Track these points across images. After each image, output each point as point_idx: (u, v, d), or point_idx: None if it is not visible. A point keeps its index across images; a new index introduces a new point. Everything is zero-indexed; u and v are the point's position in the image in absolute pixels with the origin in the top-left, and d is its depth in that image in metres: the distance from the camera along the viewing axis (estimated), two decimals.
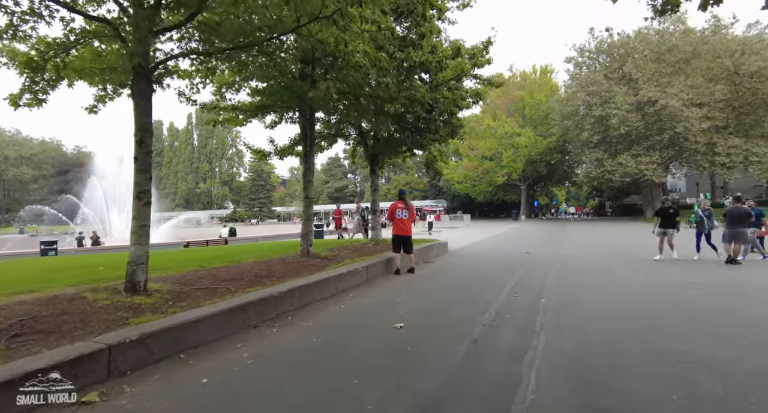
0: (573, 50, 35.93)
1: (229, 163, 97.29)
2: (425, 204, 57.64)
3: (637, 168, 29.42)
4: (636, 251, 11.80)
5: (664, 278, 6.99)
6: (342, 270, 6.51)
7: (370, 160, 10.95)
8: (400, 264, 7.93)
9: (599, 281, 7.03)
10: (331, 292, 6.04)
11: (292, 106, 7.56)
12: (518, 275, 7.72)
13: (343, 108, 8.82)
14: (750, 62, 27.34)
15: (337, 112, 9.28)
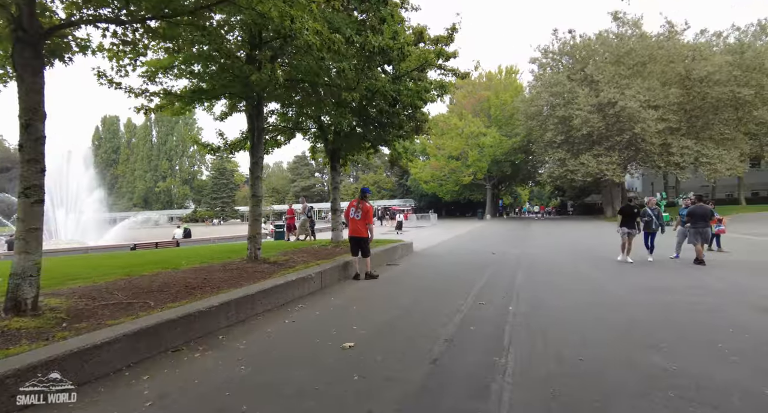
0: (537, 51, 36.52)
1: (190, 161, 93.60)
2: (393, 203, 57.39)
3: (598, 168, 30.14)
4: (600, 250, 11.71)
5: (635, 282, 6.68)
6: (291, 277, 5.78)
7: (330, 155, 10.24)
8: (358, 268, 7.30)
9: (568, 284, 6.66)
10: (278, 302, 5.31)
11: (235, 92, 6.74)
12: (484, 277, 7.26)
13: (299, 98, 8.08)
14: (700, 68, 28.58)
15: (291, 102, 8.52)
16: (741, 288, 6.07)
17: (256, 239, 6.93)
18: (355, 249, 7.29)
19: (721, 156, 28.69)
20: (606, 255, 10.38)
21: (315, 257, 7.97)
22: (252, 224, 6.96)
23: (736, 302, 5.15)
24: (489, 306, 5.13)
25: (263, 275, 5.91)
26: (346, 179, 78.63)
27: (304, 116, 10.41)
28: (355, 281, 7.08)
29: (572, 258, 10.13)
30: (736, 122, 30.36)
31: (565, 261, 9.59)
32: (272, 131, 10.63)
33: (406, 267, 8.91)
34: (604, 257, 10.02)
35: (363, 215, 7.16)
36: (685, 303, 5.13)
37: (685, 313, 4.69)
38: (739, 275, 7.36)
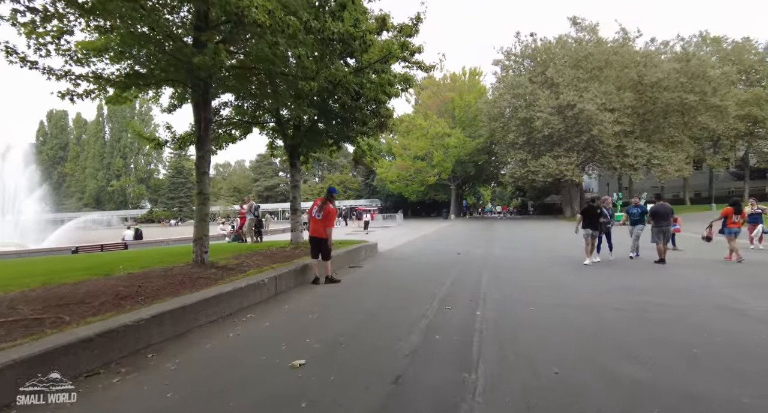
0: (500, 53, 37.24)
1: (146, 159, 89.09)
2: (360, 203, 56.89)
3: (558, 169, 31.02)
4: (562, 250, 11.79)
5: (602, 283, 6.57)
6: (240, 284, 5.21)
7: (289, 152, 9.66)
8: (317, 272, 6.80)
9: (534, 285, 6.47)
10: (223, 313, 4.74)
11: (178, 79, 6.07)
12: (450, 279, 6.97)
13: (254, 89, 7.48)
14: (651, 74, 30.04)
15: (246, 93, 7.88)
16: (702, 288, 6.08)
17: (202, 242, 6.28)
18: (315, 251, 6.80)
19: (670, 158, 30.27)
20: (568, 254, 10.41)
21: (271, 260, 7.39)
22: (198, 225, 6.30)
23: (701, 303, 5.09)
24: (455, 311, 4.79)
25: (208, 282, 5.30)
26: (310, 179, 77.31)
27: (262, 109, 9.80)
28: (314, 286, 6.58)
29: (536, 258, 10.08)
30: (683, 126, 32.17)
31: (530, 261, 9.50)
32: (226, 124, 9.92)
33: (370, 269, 8.49)
34: (566, 257, 10.03)
35: (324, 216, 6.66)
36: (653, 305, 5.01)
37: (655, 315, 4.55)
38: (698, 273, 7.47)
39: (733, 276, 7.11)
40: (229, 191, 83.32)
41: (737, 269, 7.93)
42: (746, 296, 5.37)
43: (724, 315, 4.53)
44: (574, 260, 9.26)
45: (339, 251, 8.70)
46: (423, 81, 50.99)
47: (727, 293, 5.64)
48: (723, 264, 8.54)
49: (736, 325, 4.14)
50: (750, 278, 6.95)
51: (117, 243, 18.44)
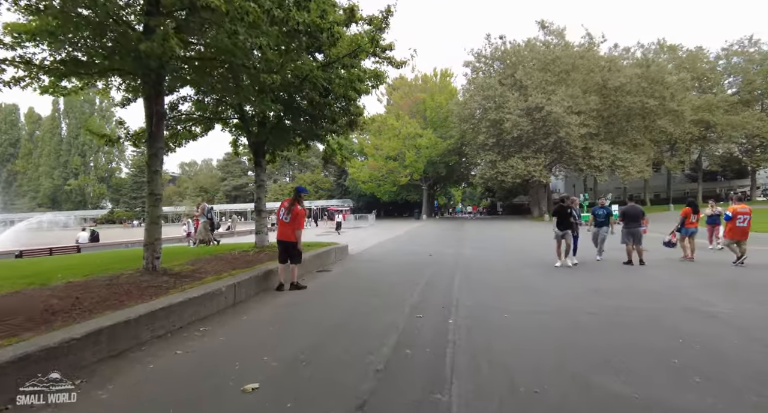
0: (471, 55, 37.60)
1: (107, 157, 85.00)
2: (331, 203, 56.24)
3: (526, 170, 31.60)
4: (532, 250, 11.84)
5: (574, 286, 6.45)
6: (194, 293, 4.76)
7: (254, 150, 9.16)
8: (282, 278, 6.40)
9: (507, 288, 6.31)
10: (173, 326, 4.29)
11: (123, 67, 5.52)
12: (422, 283, 6.73)
13: (214, 81, 6.97)
14: (614, 78, 31.10)
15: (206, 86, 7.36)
16: (672, 290, 6.08)
17: (154, 247, 5.75)
18: (283, 255, 6.38)
19: (633, 160, 31.43)
20: (537, 255, 10.42)
21: (231, 265, 6.92)
22: (149, 228, 5.77)
23: (673, 306, 5.05)
24: (427, 319, 4.53)
25: (158, 292, 4.82)
26: (281, 179, 75.81)
27: (224, 104, 9.26)
28: (278, 294, 6.17)
29: (506, 258, 10.01)
30: (644, 129, 33.50)
31: (500, 262, 9.41)
32: (185, 120, 9.32)
33: (340, 273, 8.14)
34: (536, 258, 10.01)
35: (293, 218, 6.27)
36: (626, 309, 4.92)
37: (630, 319, 4.44)
38: (664, 274, 7.55)
39: (698, 276, 7.23)
40: (196, 191, 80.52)
41: (700, 269, 8.09)
42: (713, 298, 5.39)
43: (696, 318, 4.48)
44: (545, 261, 9.22)
45: (307, 255, 8.30)
46: (395, 81, 51.08)
47: (694, 294, 5.65)
48: (687, 264, 8.72)
49: (709, 329, 4.08)
50: (713, 277, 7.07)
51: (69, 246, 17.22)
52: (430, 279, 7.13)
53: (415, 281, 6.89)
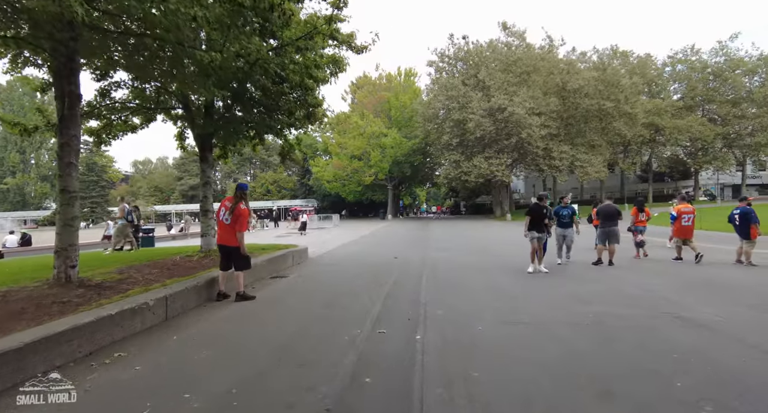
0: (434, 54, 37.50)
1: (51, 154, 78.75)
2: (295, 203, 54.77)
3: (489, 169, 31.83)
4: (500, 251, 11.57)
5: (550, 293, 6.01)
6: (108, 311, 3.90)
7: (199, 143, 8.23)
8: (223, 286, 5.61)
9: (479, 295, 5.82)
10: (79, 353, 3.45)
11: (18, 36, 4.55)
12: (386, 290, 6.13)
13: (143, 60, 6.05)
14: (573, 80, 31.94)
15: (137, 66, 6.41)
16: (649, 293, 5.77)
17: (67, 254, 4.80)
18: (225, 262, 5.61)
19: (591, 161, 32.40)
20: (505, 256, 10.13)
21: (170, 273, 6.03)
22: (61, 232, 4.80)
23: (653, 312, 4.71)
24: (392, 336, 3.93)
25: (65, 309, 3.93)
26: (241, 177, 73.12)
27: (167, 92, 8.27)
28: (221, 306, 5.37)
29: (474, 260, 9.60)
30: (601, 131, 34.66)
31: (469, 264, 8.98)
32: (121, 109, 8.24)
33: (297, 280, 7.39)
34: (505, 259, 9.70)
35: (234, 219, 5.50)
36: (608, 316, 4.52)
37: (616, 331, 4.02)
38: (636, 275, 7.33)
39: (669, 277, 7.06)
40: (150, 191, 76.25)
41: (667, 268, 8.00)
42: (694, 301, 5.14)
43: (684, 326, 4.13)
44: (514, 263, 8.87)
45: (260, 260, 7.51)
46: (359, 80, 50.54)
47: (674, 298, 5.38)
48: (650, 264, 8.65)
49: (701, 340, 3.71)
50: (684, 278, 6.91)
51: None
52: (396, 285, 6.55)
53: (379, 288, 6.29)
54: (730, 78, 40.62)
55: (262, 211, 43.88)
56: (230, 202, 5.50)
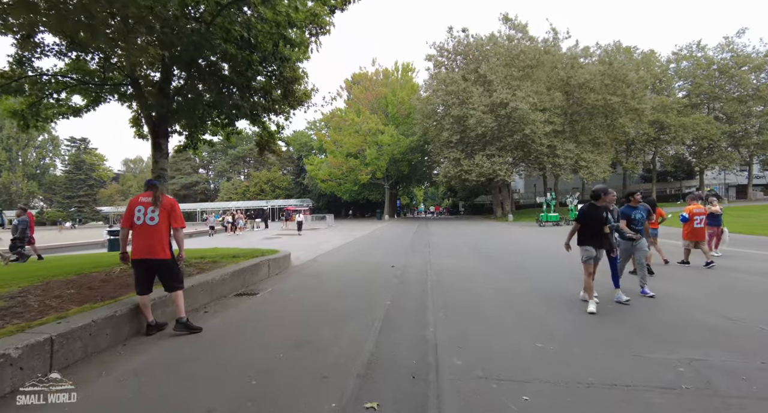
0: (433, 48, 35.93)
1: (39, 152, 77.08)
2: (290, 203, 53.10)
3: (491, 168, 30.33)
4: (514, 254, 10.06)
5: (600, 319, 4.45)
6: None
7: (151, 126, 6.66)
8: (151, 316, 4.07)
9: (508, 329, 4.29)
10: None
11: None
12: (380, 316, 4.61)
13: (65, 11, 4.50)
14: (579, 74, 30.48)
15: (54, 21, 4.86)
16: (746, 325, 4.21)
17: None
18: (147, 283, 3.99)
19: (596, 160, 30.97)
20: (528, 266, 8.64)
21: (86, 295, 4.47)
22: None
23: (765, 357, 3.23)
24: (388, 410, 2.42)
25: None
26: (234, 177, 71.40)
27: (111, 65, 6.73)
28: (148, 344, 3.83)
29: (490, 271, 8.06)
30: (606, 127, 33.23)
31: (483, 277, 7.43)
32: (56, 86, 6.69)
33: (267, 299, 5.84)
34: (528, 271, 8.20)
35: (165, 214, 3.97)
36: (717, 374, 2.99)
37: (740, 403, 2.54)
38: (703, 293, 5.86)
39: (733, 292, 5.58)
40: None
41: (714, 278, 6.52)
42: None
43: None
44: (539, 276, 7.39)
45: (220, 273, 5.97)
46: (354, 76, 48.90)
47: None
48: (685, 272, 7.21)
49: None
50: (747, 293, 5.44)
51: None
52: (393, 309, 5.02)
53: (371, 314, 4.76)
54: (736, 75, 39.37)
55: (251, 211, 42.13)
56: (148, 197, 3.97)
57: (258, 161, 70.67)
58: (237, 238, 20.13)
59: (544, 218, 24.44)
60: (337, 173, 40.94)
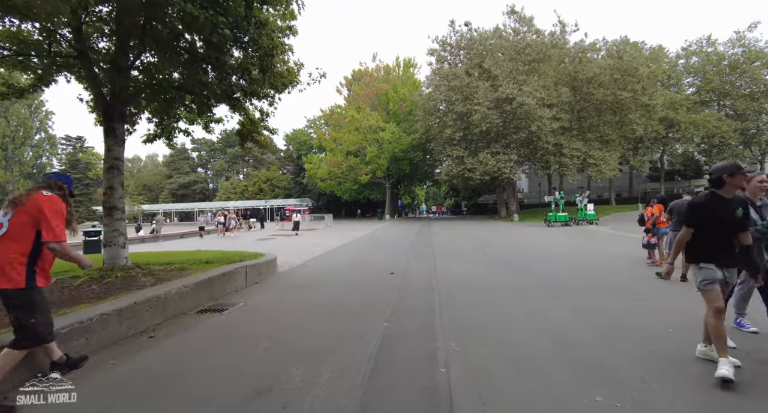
0: (435, 43, 34.75)
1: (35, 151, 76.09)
2: (289, 203, 52.03)
3: (496, 166, 29.17)
4: (537, 259, 8.95)
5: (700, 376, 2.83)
6: None
7: (103, 108, 5.58)
8: (53, 352, 2.89)
9: (557, 376, 3.20)
10: None
11: None
12: (373, 351, 3.51)
13: None
14: (588, 69, 29.28)
15: None
16: None
17: None
18: None
19: (605, 158, 29.77)
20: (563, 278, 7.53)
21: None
22: None
23: None
24: None
25: None
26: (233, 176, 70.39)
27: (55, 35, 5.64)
28: None
29: (511, 281, 6.90)
30: (615, 124, 32.02)
31: (506, 289, 6.29)
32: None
33: (233, 319, 4.71)
34: (563, 281, 7.09)
35: (23, 224, 2.68)
36: None
37: None
38: None
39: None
40: (138, 189, 73.32)
41: None
42: None
43: None
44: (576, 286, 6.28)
45: (178, 285, 4.87)
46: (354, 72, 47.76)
47: None
48: None
49: None
50: None
51: None
52: (390, 335, 3.91)
53: (362, 344, 3.65)
54: (748, 71, 38.11)
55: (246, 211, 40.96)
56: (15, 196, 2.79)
57: (257, 160, 69.61)
58: (228, 240, 19.05)
59: (553, 218, 23.27)
60: (337, 171, 39.81)
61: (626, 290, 5.72)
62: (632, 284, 6.09)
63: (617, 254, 9.82)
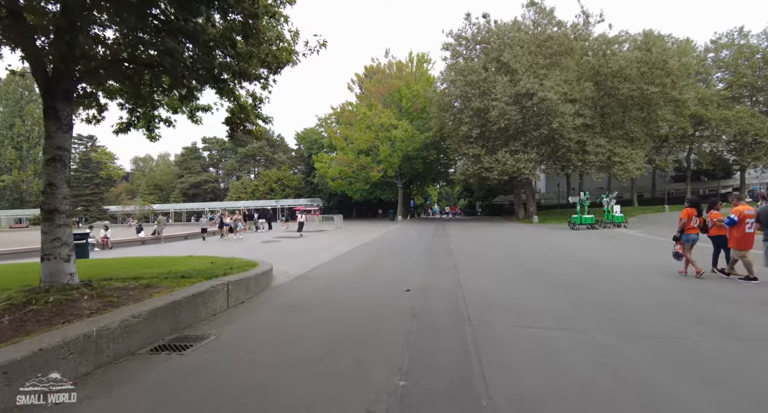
0: (450, 37, 33.28)
1: None
2: (300, 203, 51.05)
3: (515, 166, 27.55)
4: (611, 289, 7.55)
5: None
6: None
7: (44, 81, 4.42)
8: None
9: None
10: None
11: None
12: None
13: None
14: (613, 62, 27.49)
15: None
16: None
17: None
18: None
19: (631, 156, 27.95)
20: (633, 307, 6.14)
21: None
22: None
23: None
24: None
25: None
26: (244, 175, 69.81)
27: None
28: None
29: (565, 309, 5.58)
30: (642, 121, 30.12)
31: (562, 322, 4.99)
32: None
33: (194, 364, 3.47)
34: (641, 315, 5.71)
35: None
36: None
37: None
38: None
39: None
40: (150, 189, 73.31)
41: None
42: None
43: None
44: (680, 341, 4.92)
45: (125, 314, 3.66)
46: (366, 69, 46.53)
47: None
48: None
49: None
50: None
51: None
52: (410, 399, 2.64)
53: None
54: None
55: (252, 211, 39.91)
56: None
57: (268, 159, 68.93)
58: (232, 242, 17.98)
59: (578, 220, 21.61)
60: (348, 171, 38.60)
61: (717, 320, 4.33)
62: (721, 311, 4.69)
63: (669, 263, 8.24)
